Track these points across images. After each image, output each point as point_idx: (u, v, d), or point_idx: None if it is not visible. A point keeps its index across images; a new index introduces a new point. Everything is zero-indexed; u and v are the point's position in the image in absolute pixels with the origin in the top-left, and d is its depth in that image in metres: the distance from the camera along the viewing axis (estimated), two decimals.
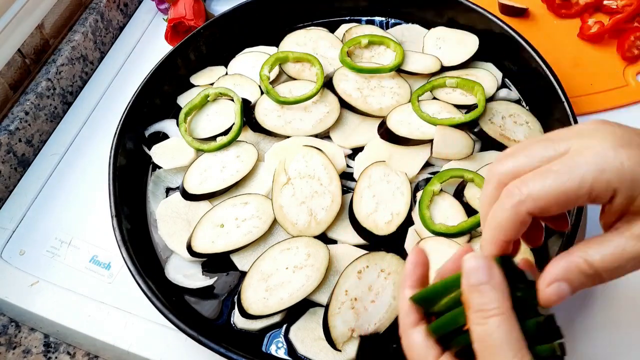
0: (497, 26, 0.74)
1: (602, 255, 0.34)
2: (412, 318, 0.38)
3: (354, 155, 0.70)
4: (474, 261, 0.35)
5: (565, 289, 0.35)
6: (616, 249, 0.34)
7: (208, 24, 0.80)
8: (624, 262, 0.34)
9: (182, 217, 0.67)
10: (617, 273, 0.34)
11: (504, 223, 0.36)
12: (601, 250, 0.35)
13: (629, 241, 0.34)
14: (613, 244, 0.34)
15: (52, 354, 0.67)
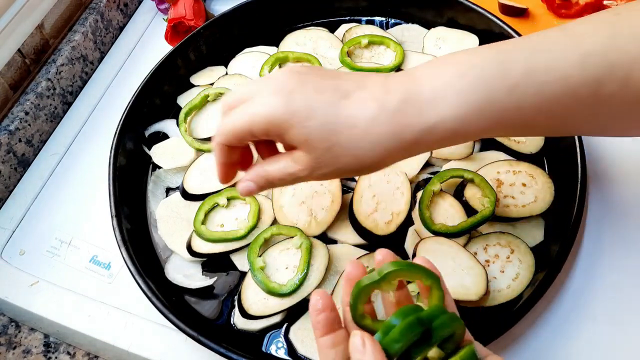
0: (497, 26, 0.74)
1: (272, 167, 0.47)
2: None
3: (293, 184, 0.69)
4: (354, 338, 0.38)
5: (252, 186, 0.48)
6: (281, 165, 0.46)
7: (208, 24, 0.80)
8: (286, 176, 0.46)
9: (182, 217, 0.67)
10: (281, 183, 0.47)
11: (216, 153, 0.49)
12: (274, 164, 0.47)
13: (289, 162, 0.46)
14: (282, 162, 0.46)
15: (52, 354, 0.67)
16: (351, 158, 0.43)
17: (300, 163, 0.45)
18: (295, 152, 0.45)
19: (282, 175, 0.46)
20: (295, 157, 0.45)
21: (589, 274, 0.62)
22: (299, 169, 0.45)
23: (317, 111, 0.42)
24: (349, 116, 0.42)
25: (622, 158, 0.70)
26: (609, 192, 0.68)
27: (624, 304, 0.60)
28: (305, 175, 0.45)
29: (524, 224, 0.63)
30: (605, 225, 0.65)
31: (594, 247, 0.64)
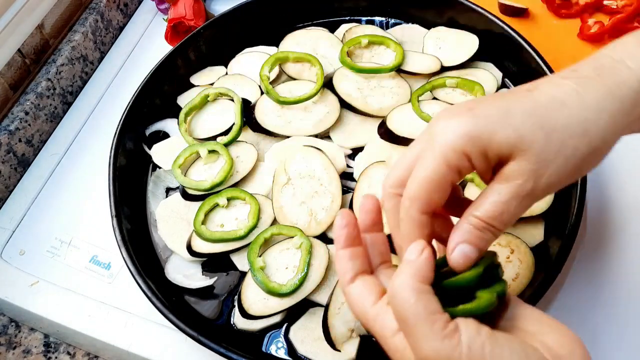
0: (497, 26, 0.74)
1: (484, 206, 0.37)
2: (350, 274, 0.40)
3: (354, 155, 0.70)
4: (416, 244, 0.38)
5: (468, 249, 0.38)
6: (493, 196, 0.37)
7: (208, 24, 0.80)
8: (506, 206, 0.37)
9: (182, 217, 0.67)
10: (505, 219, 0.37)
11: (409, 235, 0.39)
12: (484, 202, 0.38)
13: (500, 185, 0.37)
14: (490, 193, 0.38)
15: (52, 354, 0.67)
16: (579, 137, 0.36)
17: (517, 175, 0.36)
18: (505, 169, 0.37)
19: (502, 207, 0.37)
20: (507, 173, 0.37)
21: (589, 274, 0.62)
22: (519, 184, 0.37)
23: (513, 107, 0.37)
24: (550, 99, 0.37)
25: (622, 158, 0.70)
26: (609, 192, 0.68)
27: (624, 304, 0.60)
28: (531, 187, 0.36)
29: (524, 224, 0.63)
30: (605, 225, 0.65)
31: (594, 247, 0.64)
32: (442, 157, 0.37)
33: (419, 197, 0.38)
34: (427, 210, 0.38)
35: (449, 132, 0.37)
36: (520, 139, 0.36)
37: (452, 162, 0.37)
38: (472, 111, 0.37)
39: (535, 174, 0.36)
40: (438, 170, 0.37)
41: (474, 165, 0.37)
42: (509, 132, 0.36)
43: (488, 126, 0.36)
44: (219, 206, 0.65)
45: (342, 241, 0.41)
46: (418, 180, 0.38)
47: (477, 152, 0.37)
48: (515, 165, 0.36)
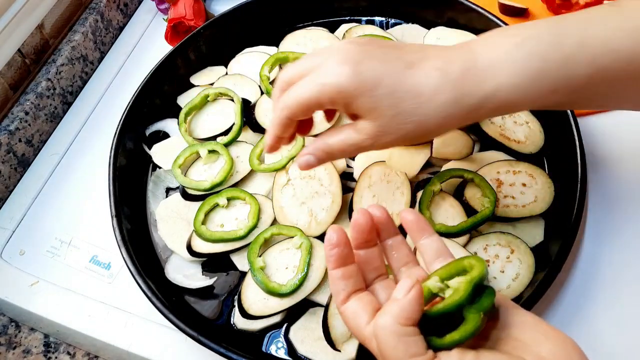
0: (497, 26, 0.74)
1: (334, 139, 0.48)
2: (343, 295, 0.43)
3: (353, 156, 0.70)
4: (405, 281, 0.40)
5: (312, 159, 0.49)
6: (343, 137, 0.48)
7: (208, 24, 0.80)
8: (347, 147, 0.48)
9: (182, 217, 0.67)
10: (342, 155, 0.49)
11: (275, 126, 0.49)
12: (336, 136, 0.48)
13: (351, 132, 0.47)
14: (343, 133, 0.48)
15: (52, 354, 0.67)
16: (415, 125, 0.44)
17: (364, 132, 0.46)
18: (359, 122, 0.46)
19: (344, 146, 0.48)
20: (359, 127, 0.46)
21: (589, 274, 0.62)
22: (362, 139, 0.46)
23: (384, 80, 0.44)
24: (414, 84, 0.44)
25: (622, 158, 0.70)
26: (608, 192, 0.68)
27: (624, 304, 0.60)
28: (368, 144, 0.46)
29: (524, 224, 0.63)
30: (605, 225, 0.65)
31: (594, 247, 0.64)
32: (316, 93, 0.45)
33: (289, 107, 0.47)
34: (292, 118, 0.48)
35: (331, 78, 0.44)
36: (374, 109, 0.44)
37: (321, 99, 0.45)
38: (356, 66, 0.44)
39: (375, 137, 0.46)
40: (309, 100, 0.46)
41: (336, 108, 0.48)
42: (370, 101, 0.44)
43: (358, 89, 0.44)
44: (219, 206, 0.65)
45: (333, 261, 0.43)
46: (294, 97, 0.47)
47: (342, 104, 0.45)
48: (365, 124, 0.46)
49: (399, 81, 0.44)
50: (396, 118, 0.44)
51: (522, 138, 0.68)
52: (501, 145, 0.68)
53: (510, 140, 0.68)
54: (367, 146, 0.47)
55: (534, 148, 0.68)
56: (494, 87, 0.43)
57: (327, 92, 0.45)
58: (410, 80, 0.44)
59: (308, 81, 0.46)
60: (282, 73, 0.49)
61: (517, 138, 0.68)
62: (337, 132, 0.48)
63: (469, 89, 0.44)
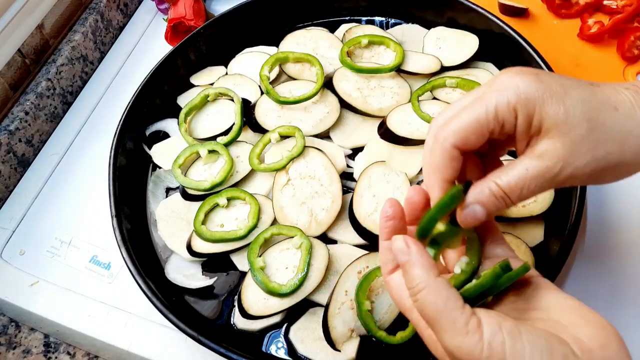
0: (497, 26, 0.74)
1: (508, 177, 0.38)
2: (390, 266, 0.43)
3: (354, 155, 0.70)
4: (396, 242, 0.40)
5: (479, 211, 0.39)
6: (520, 170, 0.38)
7: (208, 24, 0.80)
8: (528, 182, 0.38)
9: (182, 217, 0.67)
10: (522, 194, 0.38)
11: (438, 164, 0.40)
12: (509, 172, 0.38)
13: (531, 161, 0.38)
14: (518, 166, 0.38)
15: (52, 354, 0.67)
16: (615, 145, 0.37)
17: (549, 156, 0.37)
18: (539, 144, 0.38)
19: (524, 181, 0.38)
20: (541, 150, 0.38)
21: (589, 274, 0.62)
22: (547, 165, 0.37)
23: (573, 89, 0.38)
24: (606, 100, 0.38)
25: None
26: (608, 192, 0.68)
27: (624, 304, 0.60)
28: (557, 171, 0.37)
29: (524, 224, 0.63)
30: (605, 225, 0.65)
31: (593, 248, 0.64)
32: (494, 104, 0.38)
33: (457, 132, 0.39)
34: (459, 146, 0.39)
35: (510, 86, 0.38)
36: (565, 120, 0.37)
37: (500, 112, 0.38)
38: (537, 76, 0.38)
39: (564, 161, 0.37)
40: (484, 114, 0.38)
41: (517, 125, 0.38)
42: (560, 108, 0.37)
43: (545, 95, 0.37)
44: (219, 206, 0.65)
45: (386, 232, 0.42)
46: (462, 118, 0.39)
47: (525, 113, 0.37)
48: (550, 144, 0.37)
49: (590, 93, 0.38)
50: (593, 133, 0.37)
51: None
52: None
53: None
54: (555, 174, 0.37)
55: None
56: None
57: (506, 102, 0.37)
58: (601, 95, 0.38)
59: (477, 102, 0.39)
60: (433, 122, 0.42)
61: None
62: (507, 169, 0.39)
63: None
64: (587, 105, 0.37)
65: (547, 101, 0.37)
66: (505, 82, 0.38)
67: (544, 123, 0.37)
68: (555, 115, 0.37)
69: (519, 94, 0.37)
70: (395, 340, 0.54)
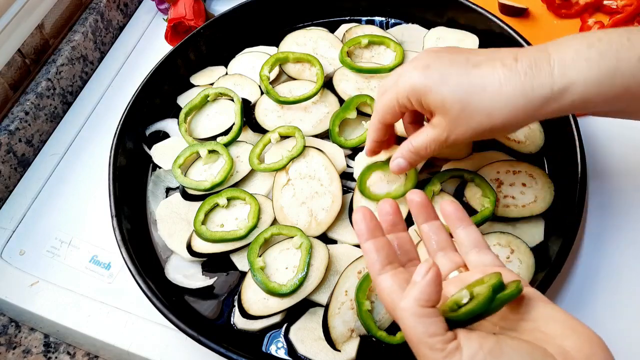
0: (497, 26, 0.74)
1: (417, 139, 0.54)
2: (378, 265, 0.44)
3: (354, 155, 0.70)
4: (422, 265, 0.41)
5: (402, 163, 0.56)
6: (423, 135, 0.53)
7: (208, 24, 0.80)
8: (428, 143, 0.53)
9: (182, 217, 0.67)
10: (427, 152, 0.54)
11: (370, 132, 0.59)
12: (418, 136, 0.54)
13: (428, 129, 0.52)
14: (423, 132, 0.53)
15: (52, 354, 0.67)
16: (484, 117, 0.48)
17: (439, 126, 0.51)
18: (433, 119, 0.51)
19: (426, 143, 0.53)
20: (434, 122, 0.51)
21: (589, 274, 0.62)
22: (438, 133, 0.51)
23: (450, 78, 0.48)
24: (480, 81, 0.47)
25: (622, 158, 0.70)
26: (609, 192, 0.68)
27: (624, 304, 0.60)
28: (444, 137, 0.51)
29: (524, 224, 0.63)
30: (605, 225, 0.65)
31: (594, 247, 0.64)
32: (395, 95, 0.52)
33: (378, 112, 0.56)
34: (382, 122, 0.57)
35: (405, 81, 0.51)
36: (443, 103, 0.49)
37: (400, 100, 0.52)
38: (426, 70, 0.50)
39: (448, 130, 0.50)
40: (391, 103, 0.53)
41: (414, 107, 0.52)
42: (438, 96, 0.49)
43: (427, 86, 0.49)
44: (219, 206, 0.65)
45: (364, 234, 0.44)
46: (380, 103, 0.55)
47: (416, 100, 0.51)
48: (438, 119, 0.50)
49: (466, 79, 0.48)
50: (464, 111, 0.48)
51: (522, 138, 0.68)
52: (501, 145, 0.68)
53: (510, 140, 0.68)
54: (444, 140, 0.51)
55: (534, 148, 0.68)
56: (566, 82, 0.45)
57: (402, 93, 0.51)
58: (476, 76, 0.48)
59: (390, 89, 0.53)
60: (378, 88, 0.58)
61: (517, 138, 0.68)
62: (418, 133, 0.54)
63: (539, 82, 0.45)
64: (459, 90, 0.48)
65: (428, 92, 0.49)
66: (405, 76, 0.51)
67: (430, 106, 0.50)
68: (435, 102, 0.49)
69: (411, 86, 0.50)
70: (395, 340, 0.54)
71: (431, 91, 0.49)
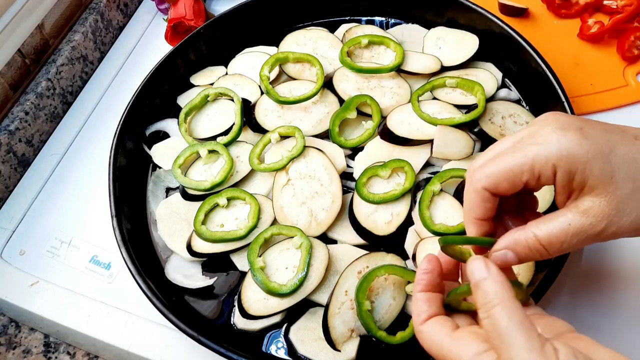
0: (497, 26, 0.74)
1: (549, 231, 0.38)
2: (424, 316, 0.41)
3: (354, 155, 0.70)
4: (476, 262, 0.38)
5: (511, 257, 0.40)
6: (562, 224, 0.38)
7: (208, 24, 0.80)
8: (569, 238, 0.38)
9: (182, 217, 0.67)
10: (562, 248, 0.39)
11: (470, 203, 0.41)
12: (550, 225, 0.39)
13: (575, 216, 0.38)
14: (560, 220, 0.38)
15: (52, 354, 0.67)
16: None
17: (594, 214, 0.37)
18: (583, 200, 0.38)
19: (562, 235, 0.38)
20: (585, 207, 0.38)
21: (589, 274, 0.62)
22: (590, 223, 0.38)
23: (619, 146, 0.37)
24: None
25: None
26: None
27: (624, 304, 0.60)
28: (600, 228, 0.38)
29: None
30: None
31: (594, 247, 0.64)
32: (531, 158, 0.38)
33: (490, 176, 0.40)
34: (490, 190, 0.40)
35: (551, 141, 0.37)
36: (611, 179, 0.36)
37: (537, 167, 0.38)
38: (581, 131, 0.37)
39: (609, 219, 0.37)
40: (519, 166, 0.38)
41: (556, 180, 0.38)
42: (606, 168, 0.36)
43: (589, 153, 0.37)
44: (219, 206, 0.65)
45: (422, 284, 0.42)
46: (499, 164, 0.39)
47: (566, 170, 0.37)
48: (595, 202, 0.37)
49: (636, 150, 0.38)
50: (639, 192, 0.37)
51: None
52: None
53: None
54: (598, 232, 0.38)
55: None
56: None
57: (545, 158, 0.37)
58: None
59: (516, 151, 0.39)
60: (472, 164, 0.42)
61: None
62: (548, 220, 0.39)
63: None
64: (634, 165, 0.37)
65: (592, 160, 0.37)
66: (546, 136, 0.38)
67: (589, 181, 0.37)
68: (602, 175, 0.37)
69: (561, 151, 0.37)
70: (395, 340, 0.54)
71: (596, 159, 0.37)
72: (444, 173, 0.64)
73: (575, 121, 0.39)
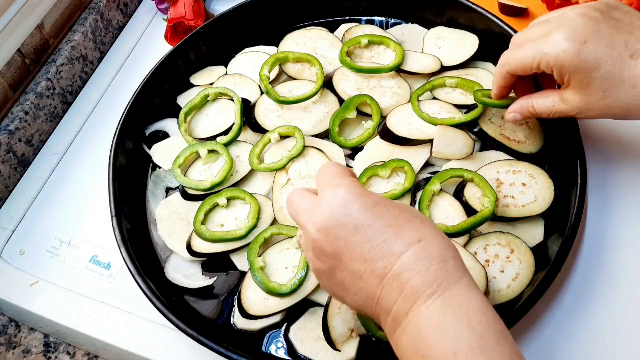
0: (497, 26, 0.74)
1: (540, 105, 0.57)
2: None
3: (354, 155, 0.70)
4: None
5: (519, 117, 0.60)
6: (549, 103, 0.56)
7: (208, 24, 0.80)
8: (552, 113, 0.56)
9: (182, 217, 0.67)
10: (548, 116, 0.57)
11: (497, 76, 0.60)
12: (542, 101, 0.57)
13: (558, 100, 0.55)
14: (549, 99, 0.56)
15: (52, 354, 0.67)
16: (622, 110, 0.52)
17: (570, 104, 0.54)
18: (567, 91, 0.53)
19: (549, 111, 0.56)
20: (566, 97, 0.54)
21: (589, 274, 0.62)
22: (567, 109, 0.54)
23: (604, 66, 0.50)
24: (632, 76, 0.49)
25: (621, 158, 0.70)
26: (608, 191, 0.68)
27: (624, 304, 0.60)
28: (572, 114, 0.54)
29: (524, 224, 0.63)
30: (605, 225, 0.65)
31: (594, 247, 0.64)
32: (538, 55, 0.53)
33: (511, 64, 0.56)
34: (512, 74, 0.58)
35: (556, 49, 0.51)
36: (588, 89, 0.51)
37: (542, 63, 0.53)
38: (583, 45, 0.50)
39: (579, 110, 0.54)
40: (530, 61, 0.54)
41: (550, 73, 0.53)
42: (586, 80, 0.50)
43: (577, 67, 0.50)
44: (219, 206, 0.65)
45: None
46: (516, 56, 0.55)
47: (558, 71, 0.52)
48: (574, 96, 0.53)
49: (619, 70, 0.49)
50: (605, 101, 0.51)
51: (522, 138, 0.68)
52: (501, 145, 0.68)
53: (510, 140, 0.68)
54: (571, 116, 0.55)
55: (534, 148, 0.68)
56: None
57: (547, 61, 0.52)
58: (630, 71, 0.49)
59: (533, 46, 0.53)
60: (515, 37, 0.58)
61: (517, 138, 0.68)
62: (543, 97, 0.57)
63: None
64: (609, 82, 0.50)
65: (577, 71, 0.50)
66: (555, 42, 0.51)
67: (571, 82, 0.52)
68: (580, 83, 0.51)
69: (557, 58, 0.51)
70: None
71: (580, 73, 0.50)
72: (444, 173, 0.64)
73: (586, 31, 0.50)
